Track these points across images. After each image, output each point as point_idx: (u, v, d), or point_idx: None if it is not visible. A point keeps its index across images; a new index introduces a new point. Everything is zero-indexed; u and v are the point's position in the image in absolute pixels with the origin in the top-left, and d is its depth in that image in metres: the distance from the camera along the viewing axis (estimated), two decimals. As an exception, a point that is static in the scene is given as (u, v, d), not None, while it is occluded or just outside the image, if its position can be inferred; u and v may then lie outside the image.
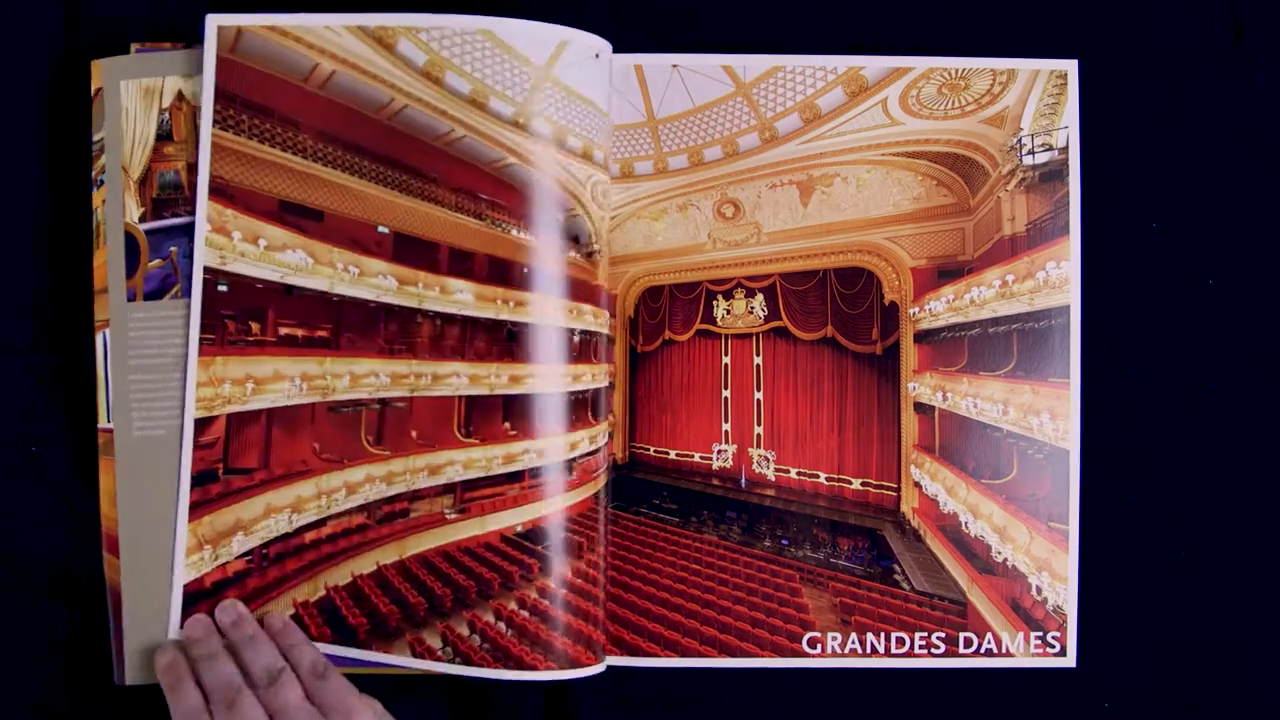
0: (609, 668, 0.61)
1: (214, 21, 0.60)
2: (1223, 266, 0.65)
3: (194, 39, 0.61)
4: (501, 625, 0.60)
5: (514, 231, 0.61)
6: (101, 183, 0.61)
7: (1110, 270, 0.64)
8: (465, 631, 0.61)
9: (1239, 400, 0.64)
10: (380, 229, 0.62)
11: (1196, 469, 0.64)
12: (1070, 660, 0.61)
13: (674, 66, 0.62)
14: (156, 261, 0.61)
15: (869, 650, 0.62)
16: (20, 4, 0.64)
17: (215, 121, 0.60)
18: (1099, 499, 0.63)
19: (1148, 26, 0.65)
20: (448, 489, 0.63)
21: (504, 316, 0.62)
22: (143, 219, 0.62)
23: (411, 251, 0.62)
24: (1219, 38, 0.65)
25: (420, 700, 0.63)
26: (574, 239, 0.62)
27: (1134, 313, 0.64)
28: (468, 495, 0.63)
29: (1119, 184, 0.64)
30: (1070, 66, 0.62)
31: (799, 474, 0.66)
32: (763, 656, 0.62)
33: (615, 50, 0.62)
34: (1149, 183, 0.65)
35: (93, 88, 0.62)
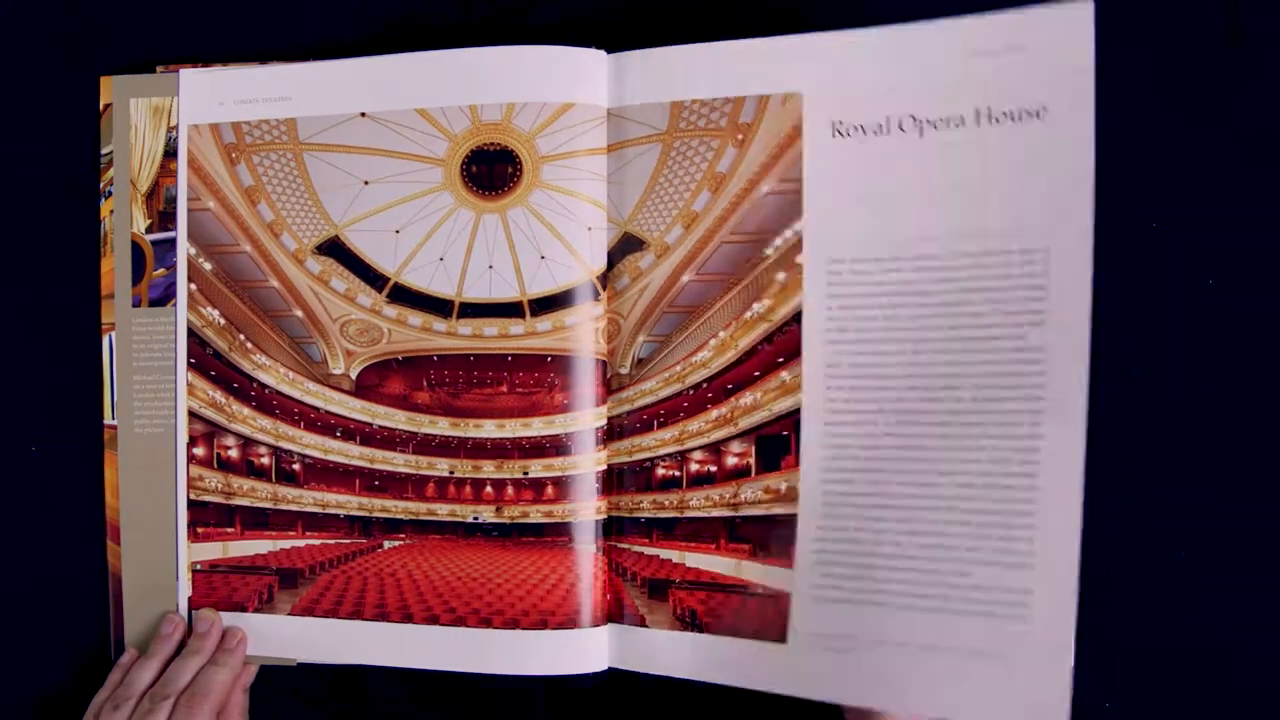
0: (610, 670, 0.62)
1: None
2: (1223, 266, 0.64)
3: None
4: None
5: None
6: (109, 194, 0.64)
7: (1110, 270, 0.63)
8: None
9: (1239, 400, 0.64)
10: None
11: (1196, 469, 0.63)
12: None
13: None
14: (161, 271, 0.64)
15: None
16: (29, 14, 0.67)
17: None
18: (1098, 499, 0.62)
19: (1146, 24, 0.64)
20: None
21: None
22: (149, 230, 0.64)
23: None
24: (1218, 37, 0.65)
25: (421, 702, 0.64)
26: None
27: (1134, 313, 0.64)
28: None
29: (1119, 184, 0.64)
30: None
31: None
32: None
33: (611, 50, 0.62)
34: (1149, 183, 0.64)
35: (102, 103, 0.64)
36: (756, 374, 0.60)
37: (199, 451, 0.64)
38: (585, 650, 0.61)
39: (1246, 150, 0.64)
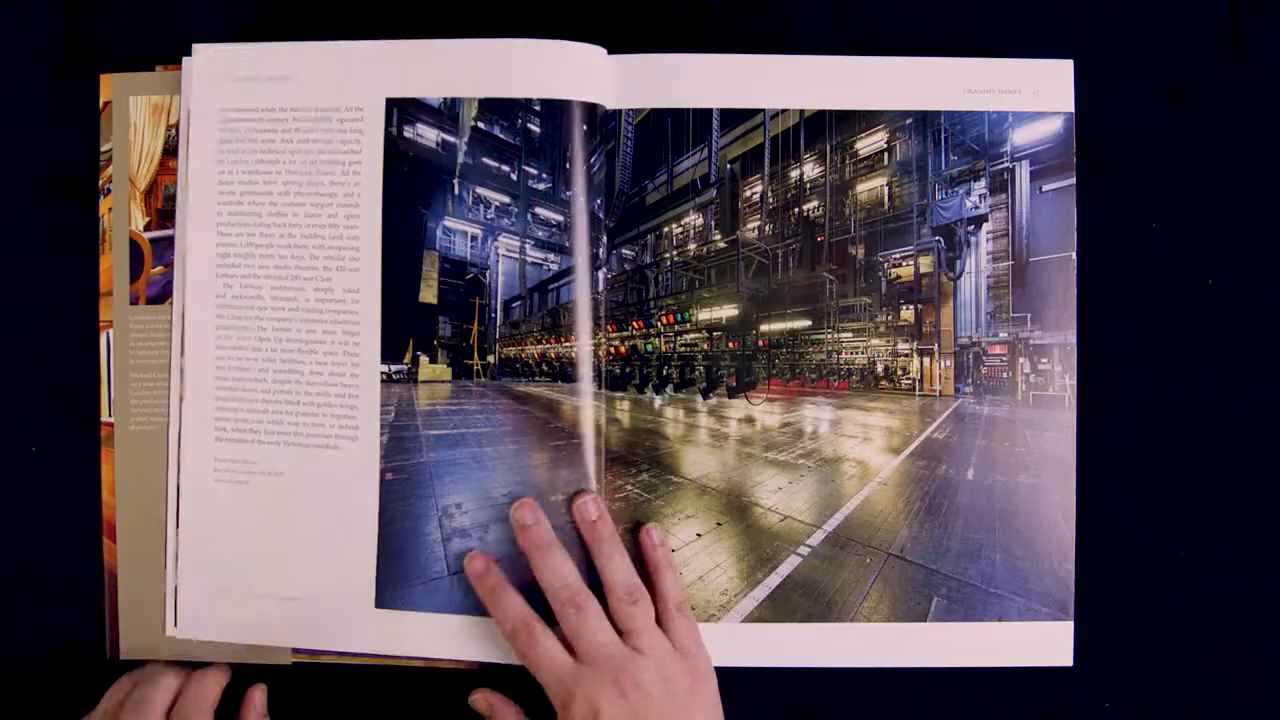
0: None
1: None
2: (1223, 266, 0.64)
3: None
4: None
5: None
6: (108, 191, 0.64)
7: (1110, 270, 0.64)
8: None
9: (1239, 400, 0.64)
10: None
11: (1196, 468, 0.64)
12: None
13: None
14: (159, 268, 0.64)
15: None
16: (27, 13, 0.66)
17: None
18: (1098, 499, 0.62)
19: (1147, 25, 0.65)
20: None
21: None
22: (147, 228, 0.64)
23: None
24: (1218, 38, 0.65)
25: (426, 701, 0.64)
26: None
27: (1134, 313, 0.64)
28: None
29: (1119, 184, 0.64)
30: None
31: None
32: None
33: (612, 51, 0.62)
34: (1149, 183, 0.64)
35: (101, 100, 0.64)
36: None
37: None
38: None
39: (1246, 150, 0.64)
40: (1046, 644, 0.61)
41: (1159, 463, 0.64)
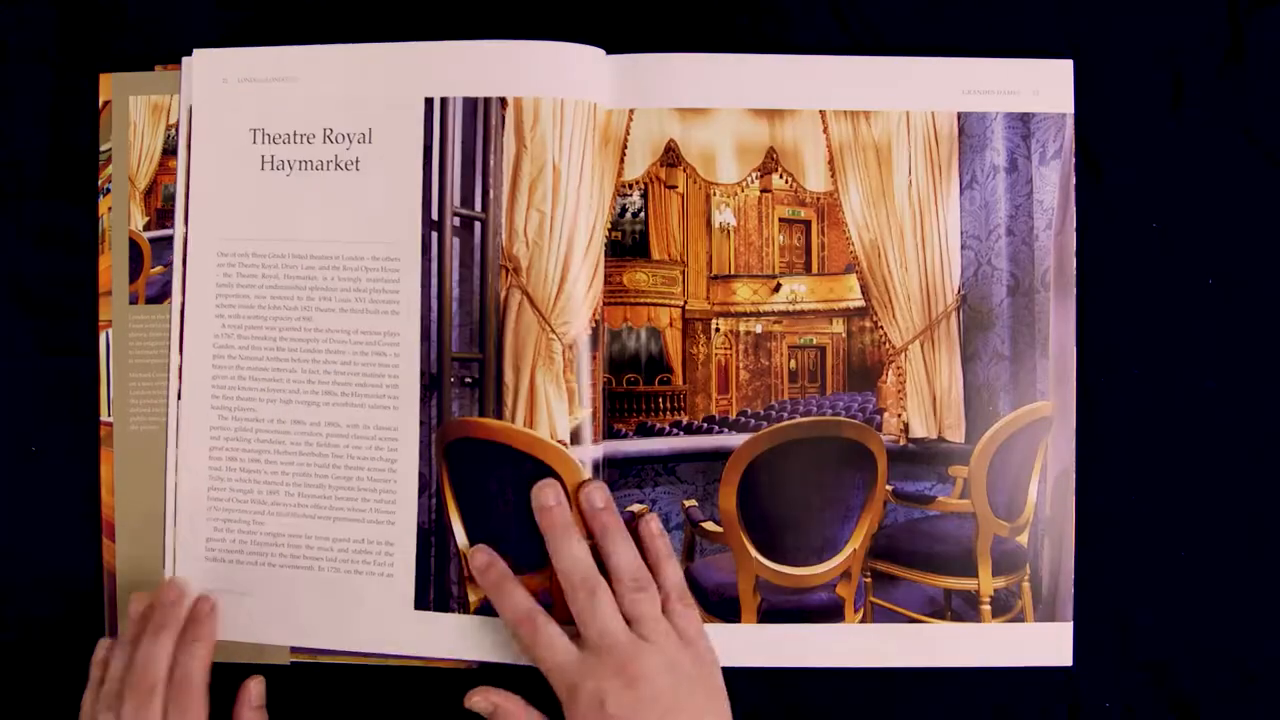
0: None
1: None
2: (1223, 266, 0.64)
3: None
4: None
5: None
6: (107, 190, 0.64)
7: (1110, 270, 0.64)
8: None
9: (1239, 400, 0.64)
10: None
11: (1196, 469, 0.63)
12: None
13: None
14: (158, 268, 0.64)
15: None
16: (27, 13, 0.66)
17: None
18: (1098, 499, 0.62)
19: (1147, 25, 0.65)
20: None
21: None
22: (147, 227, 0.65)
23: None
24: (1218, 38, 0.65)
25: (423, 699, 0.64)
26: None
27: (1134, 313, 0.64)
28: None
29: (1119, 184, 0.64)
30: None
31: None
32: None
33: (611, 51, 0.62)
34: (1149, 183, 0.64)
35: (101, 100, 0.64)
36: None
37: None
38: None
39: (1246, 150, 0.64)
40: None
41: (1159, 463, 0.64)
